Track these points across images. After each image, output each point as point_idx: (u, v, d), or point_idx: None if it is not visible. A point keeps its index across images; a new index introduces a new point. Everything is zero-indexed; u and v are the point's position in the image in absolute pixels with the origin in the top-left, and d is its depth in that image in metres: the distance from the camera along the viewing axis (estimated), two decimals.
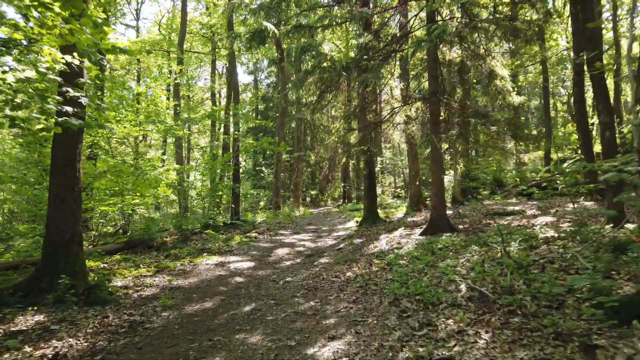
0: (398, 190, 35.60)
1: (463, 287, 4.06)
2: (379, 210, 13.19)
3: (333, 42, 18.34)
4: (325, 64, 7.51)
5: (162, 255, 8.51)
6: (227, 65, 18.26)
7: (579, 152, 22.31)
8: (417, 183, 15.31)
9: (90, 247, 9.80)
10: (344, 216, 16.93)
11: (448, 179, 23.45)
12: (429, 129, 11.89)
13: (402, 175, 38.03)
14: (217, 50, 24.30)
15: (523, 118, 19.97)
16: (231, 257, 7.97)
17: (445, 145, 11.13)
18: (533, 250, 4.99)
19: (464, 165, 10.94)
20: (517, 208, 12.98)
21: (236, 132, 13.80)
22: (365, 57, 9.07)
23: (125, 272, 6.32)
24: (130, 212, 11.31)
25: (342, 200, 30.33)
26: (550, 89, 25.59)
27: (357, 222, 13.24)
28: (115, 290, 5.33)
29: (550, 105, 26.29)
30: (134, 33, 29.96)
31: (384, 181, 35.67)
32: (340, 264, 6.61)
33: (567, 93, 31.99)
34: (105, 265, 7.12)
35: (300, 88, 8.18)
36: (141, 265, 6.83)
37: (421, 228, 9.88)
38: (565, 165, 5.16)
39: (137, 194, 6.60)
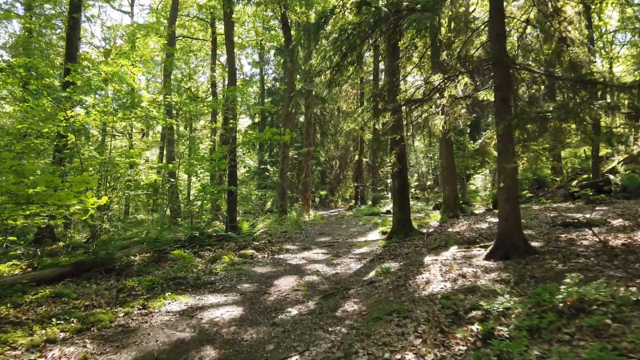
0: (413, 190, 32.73)
1: None
2: None
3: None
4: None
5: (119, 286, 5.92)
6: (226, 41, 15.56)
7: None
8: (453, 184, 12.55)
9: (29, 270, 7.30)
10: (361, 222, 14.23)
11: (481, 178, 20.56)
12: (485, 109, 9.13)
13: (416, 174, 35.12)
14: (216, 34, 21.81)
15: None
16: (209, 296, 5.30)
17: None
18: None
19: (528, 159, 8.15)
20: (588, 215, 10.14)
21: (232, 121, 11.18)
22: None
23: (16, 338, 3.71)
24: (93, 220, 8.77)
25: (354, 201, 27.64)
26: None
27: (382, 233, 10.52)
28: None
29: None
30: (129, 19, 27.65)
31: None
32: (384, 320, 3.92)
33: None
34: (10, 312, 4.53)
35: (314, 41, 5.49)
36: (56, 319, 4.20)
37: (480, 247, 7.14)
38: None
39: (49, 202, 4.07)
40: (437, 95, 8.30)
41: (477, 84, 8.14)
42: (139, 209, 23.66)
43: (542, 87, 8.45)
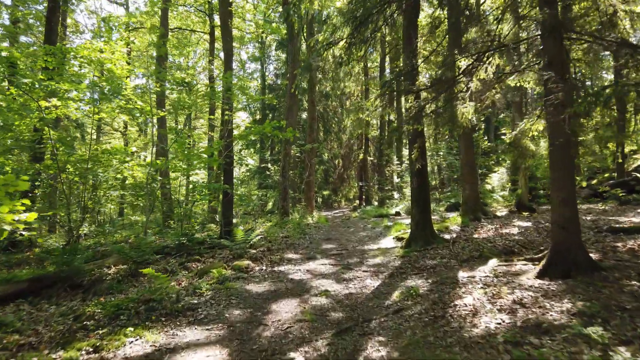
0: None
1: None
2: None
3: None
4: None
5: (78, 311, 4.70)
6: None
7: None
8: (473, 182, 11.27)
9: None
10: (370, 225, 12.97)
11: (497, 177, 19.23)
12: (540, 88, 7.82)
13: None
14: (214, 24, 20.58)
15: None
16: (186, 330, 4.05)
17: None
18: None
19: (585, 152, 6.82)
20: (635, 219, 8.88)
21: (228, 112, 9.94)
22: None
23: None
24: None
25: (358, 201, 26.44)
26: None
27: (397, 239, 9.24)
28: None
29: None
30: (123, 11, 26.49)
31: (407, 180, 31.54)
32: None
33: None
34: None
35: None
36: None
37: (523, 260, 5.86)
38: None
39: None
40: (464, 79, 7.04)
41: (515, 63, 6.88)
42: (136, 210, 22.42)
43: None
